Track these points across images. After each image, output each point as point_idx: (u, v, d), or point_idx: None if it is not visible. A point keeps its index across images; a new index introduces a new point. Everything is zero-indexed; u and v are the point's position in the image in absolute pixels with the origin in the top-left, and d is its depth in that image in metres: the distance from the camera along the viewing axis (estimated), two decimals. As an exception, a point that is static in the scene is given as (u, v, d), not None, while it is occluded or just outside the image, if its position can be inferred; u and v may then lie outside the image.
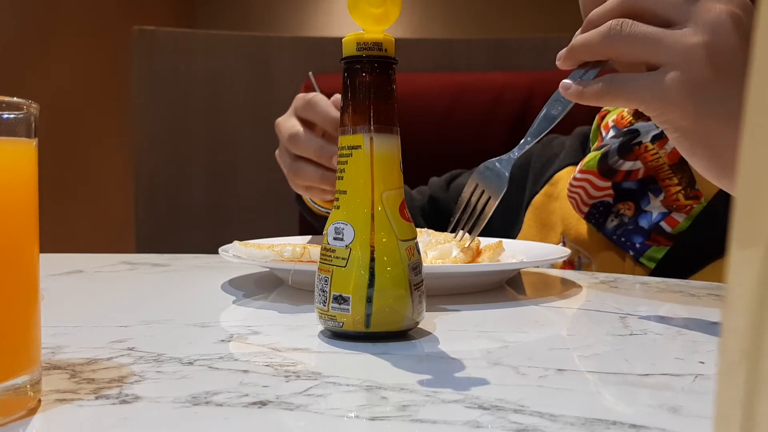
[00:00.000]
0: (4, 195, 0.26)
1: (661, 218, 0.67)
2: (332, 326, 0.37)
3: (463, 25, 3.85)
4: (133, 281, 0.62)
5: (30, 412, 0.26)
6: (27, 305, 0.27)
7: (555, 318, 0.45)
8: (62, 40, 2.63)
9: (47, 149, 0.63)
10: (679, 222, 0.66)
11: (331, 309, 0.37)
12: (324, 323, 0.38)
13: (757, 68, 0.12)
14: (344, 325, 0.36)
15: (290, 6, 4.02)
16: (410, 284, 0.37)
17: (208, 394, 0.28)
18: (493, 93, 1.19)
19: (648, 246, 0.67)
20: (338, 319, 0.36)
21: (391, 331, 0.37)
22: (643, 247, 0.67)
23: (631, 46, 0.43)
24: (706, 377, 0.30)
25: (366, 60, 0.36)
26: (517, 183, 0.85)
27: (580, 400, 0.28)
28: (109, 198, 2.81)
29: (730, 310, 0.13)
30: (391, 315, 0.36)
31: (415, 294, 0.37)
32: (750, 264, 0.12)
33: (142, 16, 2.96)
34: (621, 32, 0.42)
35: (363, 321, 0.36)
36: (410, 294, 0.37)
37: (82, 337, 0.38)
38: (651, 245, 0.67)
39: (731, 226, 0.13)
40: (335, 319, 0.37)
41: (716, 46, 0.41)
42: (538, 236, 0.79)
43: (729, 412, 0.13)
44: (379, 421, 0.25)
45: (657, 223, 0.67)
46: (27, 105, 0.27)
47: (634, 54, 0.43)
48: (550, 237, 0.77)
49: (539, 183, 0.83)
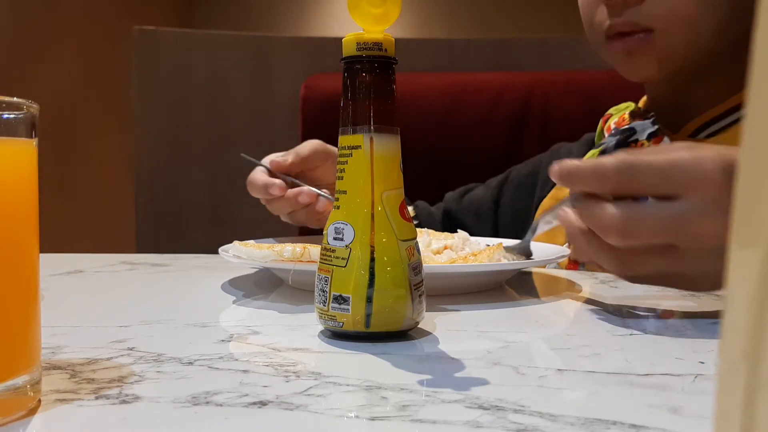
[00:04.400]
0: (4, 195, 0.26)
1: None
2: (332, 326, 0.37)
3: (463, 25, 3.85)
4: (133, 281, 0.62)
5: (30, 412, 0.26)
6: (27, 305, 0.27)
7: (555, 318, 0.45)
8: (62, 40, 2.63)
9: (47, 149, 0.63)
10: None
11: (331, 309, 0.37)
12: (324, 323, 0.38)
13: (757, 69, 0.12)
14: (344, 325, 0.36)
15: (290, 6, 4.02)
16: (410, 284, 0.37)
17: (208, 394, 0.28)
18: (493, 93, 1.19)
19: None
20: (338, 319, 0.36)
21: (391, 331, 0.37)
22: None
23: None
24: (706, 377, 0.30)
25: (366, 60, 0.36)
26: (527, 189, 0.89)
27: (580, 400, 0.28)
28: (109, 198, 2.81)
29: (730, 310, 0.13)
30: (391, 315, 0.36)
31: (415, 294, 0.37)
32: (750, 264, 0.12)
33: (142, 16, 2.96)
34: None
35: (363, 321, 0.36)
36: (410, 294, 0.37)
37: (82, 337, 0.38)
38: None
39: (731, 226, 0.13)
40: (335, 319, 0.37)
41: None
42: (544, 237, 0.79)
43: (729, 412, 0.13)
44: (379, 421, 0.25)
45: None
46: (27, 105, 0.27)
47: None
48: (557, 238, 0.77)
49: (547, 187, 0.84)
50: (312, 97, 1.21)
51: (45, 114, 0.30)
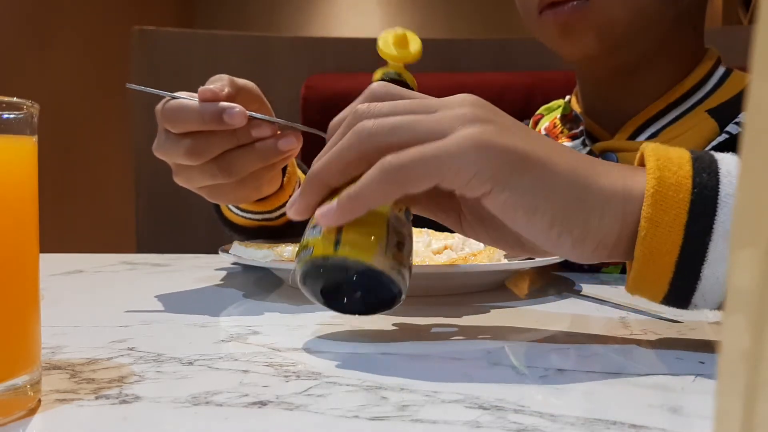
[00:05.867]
0: (5, 195, 0.26)
1: None
2: (303, 258, 0.34)
3: (463, 25, 3.85)
4: (133, 281, 0.62)
5: (30, 412, 0.26)
6: (27, 305, 0.27)
7: (555, 318, 0.45)
8: (62, 40, 2.63)
9: (47, 149, 0.63)
10: None
11: (305, 238, 0.35)
12: (298, 263, 0.35)
13: (757, 69, 0.12)
14: (314, 250, 0.34)
15: (290, 6, 4.02)
16: (389, 226, 0.34)
17: (208, 394, 0.28)
18: (493, 93, 1.19)
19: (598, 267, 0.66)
20: (309, 245, 0.34)
21: (361, 265, 0.33)
22: (591, 269, 0.66)
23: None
24: (706, 377, 0.30)
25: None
26: None
27: (580, 400, 0.28)
28: (109, 198, 2.81)
29: (730, 310, 0.13)
30: (362, 240, 0.33)
31: (393, 240, 0.34)
32: (750, 264, 0.12)
33: (142, 16, 2.96)
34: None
35: (332, 243, 0.33)
36: (387, 235, 0.34)
37: (82, 337, 0.38)
38: (600, 267, 0.66)
39: (731, 226, 0.13)
40: (306, 246, 0.34)
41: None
42: None
43: (729, 411, 0.13)
44: (379, 421, 0.25)
45: None
46: (27, 105, 0.27)
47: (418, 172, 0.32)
48: None
49: None
50: (312, 98, 1.22)
51: (45, 114, 0.30)
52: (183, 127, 0.47)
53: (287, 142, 0.49)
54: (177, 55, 1.37)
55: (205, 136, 0.48)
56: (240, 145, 0.49)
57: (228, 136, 0.48)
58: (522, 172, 0.32)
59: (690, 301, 0.33)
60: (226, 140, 0.48)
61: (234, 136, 0.48)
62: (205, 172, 0.49)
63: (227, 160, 0.48)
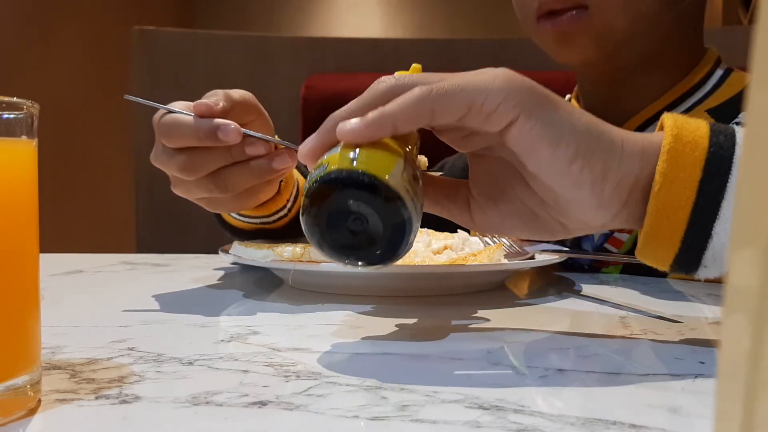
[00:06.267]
0: (5, 195, 0.26)
1: (603, 240, 0.64)
2: (316, 176, 0.32)
3: (463, 25, 3.85)
4: (133, 281, 0.62)
5: (30, 412, 0.26)
6: (27, 305, 0.27)
7: (555, 318, 0.45)
8: (62, 40, 2.63)
9: (47, 149, 0.63)
10: (624, 241, 0.63)
11: (323, 158, 0.33)
12: (308, 183, 0.33)
13: (757, 70, 0.12)
14: (329, 165, 0.32)
15: (290, 6, 4.02)
16: (406, 159, 0.34)
17: (208, 394, 0.28)
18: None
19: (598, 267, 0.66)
20: (324, 162, 0.33)
21: (376, 179, 0.31)
22: (591, 269, 0.66)
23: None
24: (706, 377, 0.30)
25: None
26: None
27: (580, 400, 0.28)
28: (109, 198, 2.81)
29: (730, 310, 0.13)
30: (380, 158, 0.32)
31: (408, 171, 0.33)
32: (750, 263, 0.12)
33: (142, 16, 2.96)
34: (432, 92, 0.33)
35: (349, 159, 0.32)
36: (405, 163, 0.33)
37: (82, 337, 0.38)
38: (600, 267, 0.66)
39: (731, 226, 0.13)
40: (322, 164, 0.33)
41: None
42: None
43: (729, 411, 0.13)
44: (379, 421, 0.25)
45: (601, 245, 0.64)
46: (27, 105, 0.27)
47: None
48: None
49: None
50: (313, 98, 1.21)
51: (45, 114, 0.30)
52: (178, 142, 0.48)
53: (282, 161, 0.49)
54: (177, 55, 1.37)
55: (199, 153, 0.48)
56: (235, 162, 0.49)
57: (223, 153, 0.48)
58: (547, 106, 0.33)
59: (700, 261, 0.33)
60: (221, 157, 0.48)
61: (229, 153, 0.48)
62: (201, 186, 0.49)
63: (222, 177, 0.49)
